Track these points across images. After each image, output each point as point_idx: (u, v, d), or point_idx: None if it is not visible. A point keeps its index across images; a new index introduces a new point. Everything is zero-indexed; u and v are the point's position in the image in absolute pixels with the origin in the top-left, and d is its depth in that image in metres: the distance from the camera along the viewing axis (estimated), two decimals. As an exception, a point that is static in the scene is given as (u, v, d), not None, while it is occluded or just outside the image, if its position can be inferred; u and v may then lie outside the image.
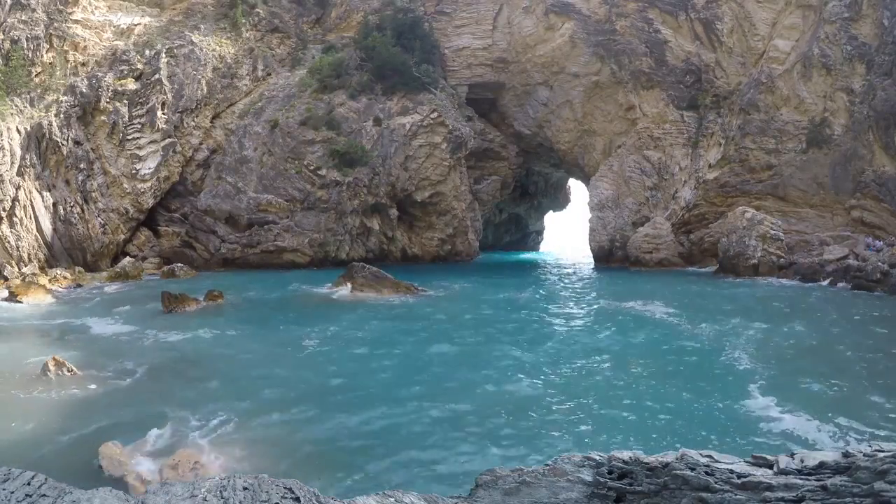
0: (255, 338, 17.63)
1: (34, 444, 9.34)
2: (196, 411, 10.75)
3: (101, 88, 37.99)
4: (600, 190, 45.03)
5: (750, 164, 39.45)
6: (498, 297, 26.86)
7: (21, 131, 33.99)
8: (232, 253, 39.63)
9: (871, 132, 34.94)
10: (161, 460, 8.70)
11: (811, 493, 3.51)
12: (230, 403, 11.24)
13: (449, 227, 46.10)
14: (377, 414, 10.81)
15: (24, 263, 32.35)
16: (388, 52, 44.70)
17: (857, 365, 14.05)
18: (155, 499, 3.78)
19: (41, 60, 37.56)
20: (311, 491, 4.05)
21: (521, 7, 47.51)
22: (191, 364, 14.53)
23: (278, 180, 40.54)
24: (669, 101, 43.30)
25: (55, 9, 38.88)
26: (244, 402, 11.36)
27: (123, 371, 13.64)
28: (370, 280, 27.07)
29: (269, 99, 43.87)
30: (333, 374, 13.63)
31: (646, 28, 43.24)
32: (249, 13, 45.96)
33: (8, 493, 3.60)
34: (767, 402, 11.22)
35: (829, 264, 30.97)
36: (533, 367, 14.18)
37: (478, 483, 4.76)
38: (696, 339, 17.30)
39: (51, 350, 15.04)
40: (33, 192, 34.11)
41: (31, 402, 11.36)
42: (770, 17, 39.74)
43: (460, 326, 19.45)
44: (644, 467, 4.36)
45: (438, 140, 43.63)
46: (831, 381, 12.69)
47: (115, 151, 38.66)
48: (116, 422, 10.31)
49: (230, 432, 9.88)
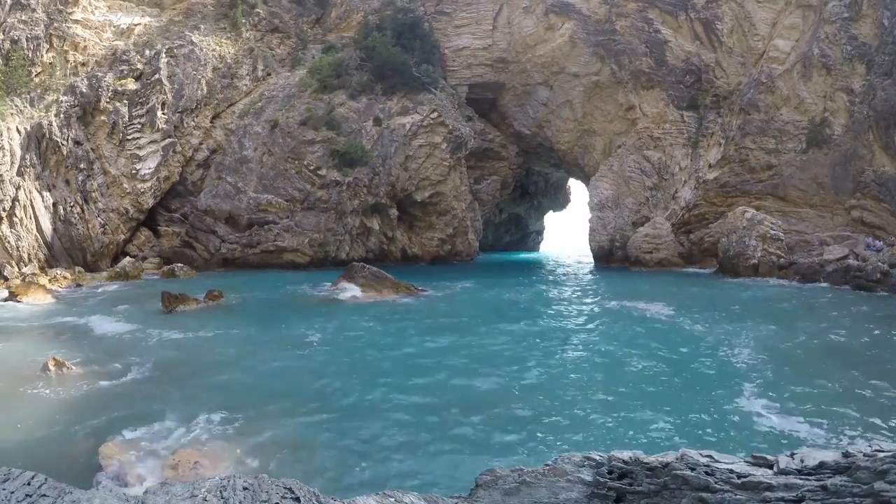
0: (255, 338, 17.62)
1: (34, 444, 9.34)
2: (196, 411, 10.74)
3: (101, 88, 37.99)
4: (600, 190, 45.04)
5: (750, 164, 39.45)
6: (498, 297, 26.85)
7: (21, 131, 34.00)
8: (232, 253, 39.63)
9: (871, 132, 34.94)
10: (161, 460, 8.70)
11: (811, 493, 3.51)
12: (230, 403, 11.24)
13: (449, 227, 46.10)
14: (377, 414, 10.81)
15: (24, 263, 32.35)
16: (388, 52, 44.71)
17: (858, 365, 14.04)
18: (155, 499, 3.78)
19: (41, 60, 37.57)
20: (311, 491, 4.05)
21: (521, 7, 47.51)
22: (191, 364, 14.53)
23: (278, 180, 40.54)
24: (669, 101, 43.30)
25: (55, 9, 38.89)
26: (244, 402, 11.36)
27: (123, 370, 13.64)
28: (370, 280, 27.07)
29: (269, 99, 43.87)
30: (333, 375, 13.63)
31: (646, 28, 43.24)
32: (249, 13, 45.96)
33: (8, 493, 3.60)
34: (767, 402, 11.22)
35: (829, 264, 30.95)
36: (532, 366, 14.18)
37: (478, 483, 4.76)
38: (696, 339, 17.30)
39: (51, 349, 15.04)
40: (33, 192, 34.11)
41: (31, 402, 11.35)
42: (770, 17, 39.74)
43: (460, 326, 19.45)
44: (644, 467, 4.36)
45: (438, 140, 43.63)
46: (831, 381, 12.69)
47: (115, 151, 38.67)
48: (116, 421, 10.31)
49: (230, 432, 9.88)
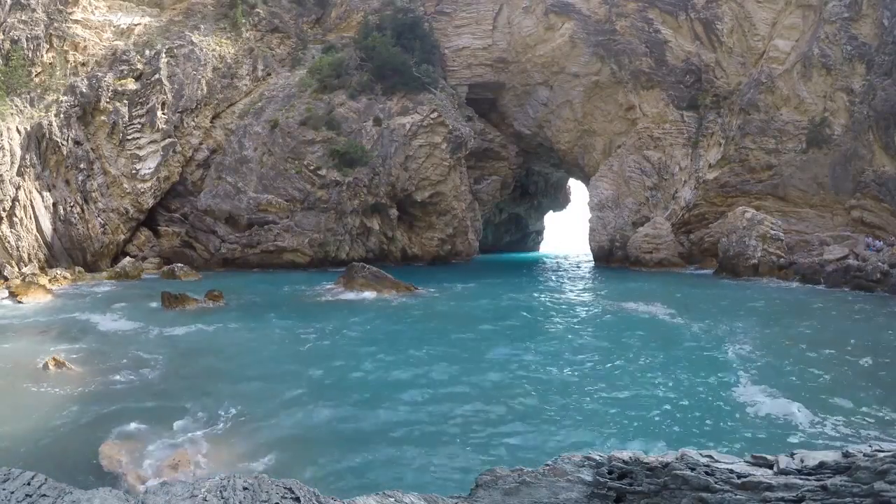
0: (254, 338, 17.62)
1: (34, 443, 9.34)
2: (196, 410, 10.75)
3: (101, 88, 37.99)
4: (600, 190, 45.04)
5: (750, 164, 39.45)
6: (498, 297, 26.85)
7: (21, 131, 33.99)
8: (232, 253, 39.63)
9: (871, 132, 34.94)
10: (161, 459, 8.70)
11: (811, 493, 3.51)
12: (230, 402, 11.24)
13: (449, 227, 46.10)
14: (377, 414, 10.81)
15: (24, 263, 32.34)
16: (388, 52, 44.71)
17: (857, 366, 14.05)
18: (155, 499, 3.78)
19: (41, 60, 37.57)
20: (311, 491, 4.05)
21: (521, 7, 47.52)
22: (190, 363, 14.53)
23: (278, 180, 40.54)
24: (669, 101, 43.30)
25: (55, 9, 38.89)
26: (244, 402, 11.36)
27: (123, 370, 13.64)
28: (370, 280, 27.08)
29: (269, 99, 43.87)
30: (333, 374, 13.63)
31: (646, 28, 43.24)
32: (249, 13, 45.96)
33: (8, 493, 3.60)
34: (767, 402, 11.22)
35: (829, 264, 30.94)
36: (532, 366, 14.18)
37: (478, 483, 4.75)
38: (696, 339, 17.30)
39: (51, 349, 15.05)
40: (33, 192, 34.11)
41: (30, 401, 11.35)
42: (770, 17, 39.74)
43: (459, 326, 19.44)
44: (644, 467, 4.36)
45: (438, 140, 43.64)
46: (831, 381, 12.70)
47: (115, 151, 38.66)
48: (116, 421, 10.30)
49: (230, 431, 9.88)
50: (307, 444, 9.54)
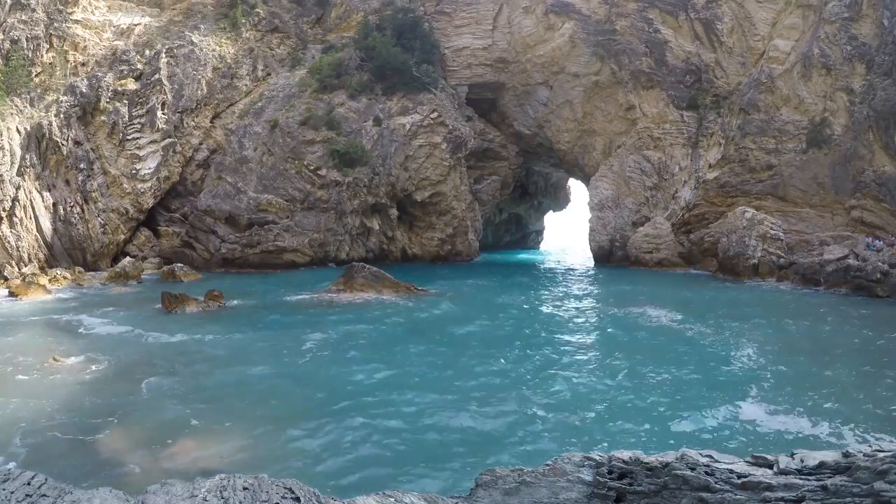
0: (254, 338, 17.62)
1: (34, 442, 9.34)
2: (196, 410, 10.75)
3: (101, 88, 37.98)
4: (600, 190, 45.01)
5: (750, 164, 39.42)
6: (497, 297, 26.84)
7: (21, 131, 33.99)
8: (232, 253, 39.61)
9: (871, 132, 34.93)
10: (160, 459, 8.70)
11: (811, 492, 3.51)
12: (229, 402, 11.24)
13: (449, 227, 46.08)
14: (377, 414, 10.80)
15: (24, 263, 32.34)
16: (388, 52, 44.69)
17: (857, 365, 14.04)
18: (155, 499, 3.78)
19: (41, 60, 37.56)
20: (310, 491, 4.05)
21: (521, 7, 47.49)
22: (190, 363, 14.53)
23: (278, 180, 40.52)
24: (669, 101, 43.28)
25: (55, 9, 38.88)
26: (243, 401, 11.36)
27: (123, 369, 13.64)
28: (370, 280, 27.06)
29: (269, 99, 43.84)
30: (332, 374, 13.62)
31: (646, 28, 43.23)
32: (249, 13, 45.94)
33: (8, 493, 3.60)
34: (767, 402, 11.21)
35: (829, 264, 30.90)
36: (532, 367, 14.17)
37: (478, 483, 4.75)
38: (695, 339, 17.30)
39: (50, 348, 15.05)
40: (33, 192, 34.10)
41: (30, 400, 11.35)
42: (770, 17, 39.73)
43: (459, 326, 19.43)
44: (644, 467, 4.35)
45: (438, 140, 43.62)
46: (830, 381, 12.69)
47: (115, 151, 38.65)
48: (115, 419, 10.31)
49: (230, 430, 9.88)
50: (307, 444, 9.54)
